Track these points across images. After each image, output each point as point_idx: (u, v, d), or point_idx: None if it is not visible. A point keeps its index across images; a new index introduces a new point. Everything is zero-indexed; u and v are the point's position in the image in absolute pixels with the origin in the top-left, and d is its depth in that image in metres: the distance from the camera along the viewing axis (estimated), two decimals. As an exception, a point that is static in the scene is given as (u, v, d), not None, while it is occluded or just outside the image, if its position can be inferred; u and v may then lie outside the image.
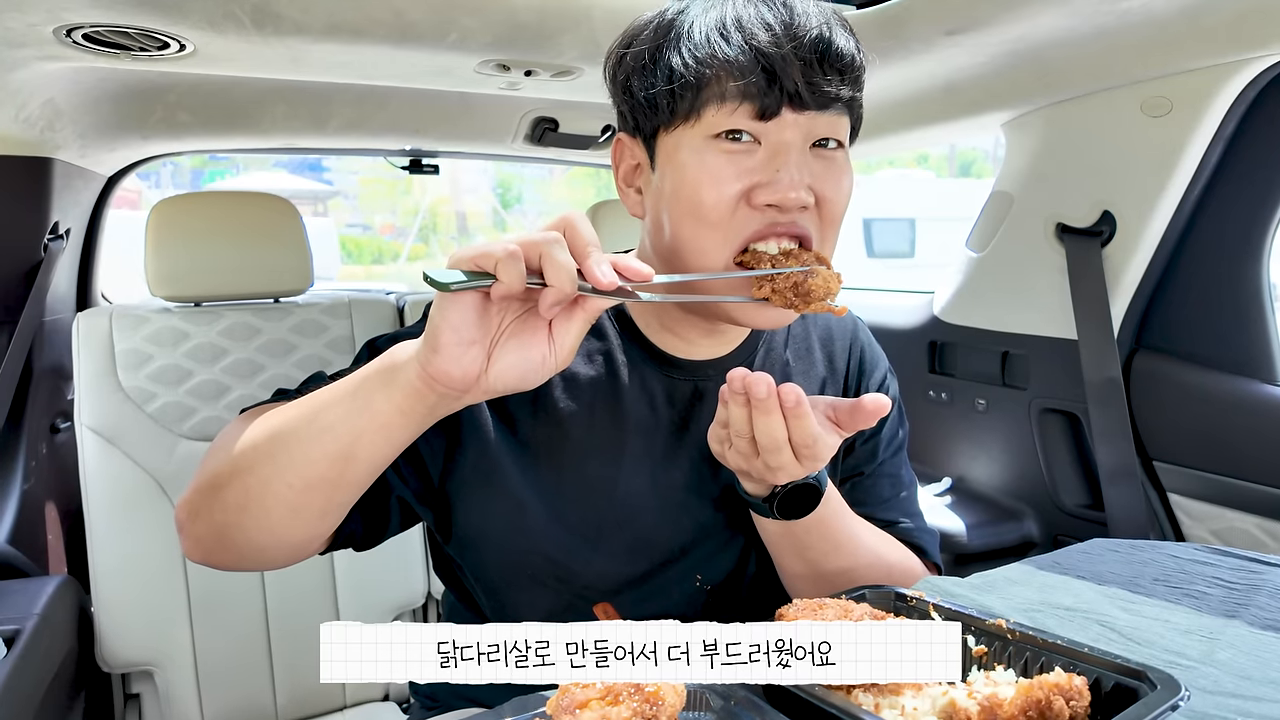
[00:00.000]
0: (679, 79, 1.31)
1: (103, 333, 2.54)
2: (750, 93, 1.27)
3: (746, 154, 1.30)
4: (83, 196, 3.12)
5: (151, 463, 2.54)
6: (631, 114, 1.42)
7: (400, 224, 26.04)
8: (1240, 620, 1.30)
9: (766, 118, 1.28)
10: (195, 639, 2.56)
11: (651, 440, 1.52)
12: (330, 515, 1.26)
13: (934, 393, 3.27)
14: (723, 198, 1.29)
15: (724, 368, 1.54)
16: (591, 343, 1.53)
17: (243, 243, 2.69)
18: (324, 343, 2.79)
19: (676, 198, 1.34)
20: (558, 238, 1.01)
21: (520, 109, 3.23)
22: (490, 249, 0.99)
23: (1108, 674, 1.01)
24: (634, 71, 1.39)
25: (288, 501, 1.20)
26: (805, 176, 1.29)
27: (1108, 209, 2.56)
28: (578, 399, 1.50)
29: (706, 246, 1.32)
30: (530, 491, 1.46)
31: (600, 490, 1.49)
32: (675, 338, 1.54)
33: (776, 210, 1.30)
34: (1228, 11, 2.00)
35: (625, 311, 1.55)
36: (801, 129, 1.30)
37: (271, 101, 2.93)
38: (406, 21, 2.12)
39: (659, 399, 1.53)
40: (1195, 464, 2.45)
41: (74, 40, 2.09)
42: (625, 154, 1.48)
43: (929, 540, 1.67)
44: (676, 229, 1.35)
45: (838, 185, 1.35)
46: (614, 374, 1.52)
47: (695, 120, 1.31)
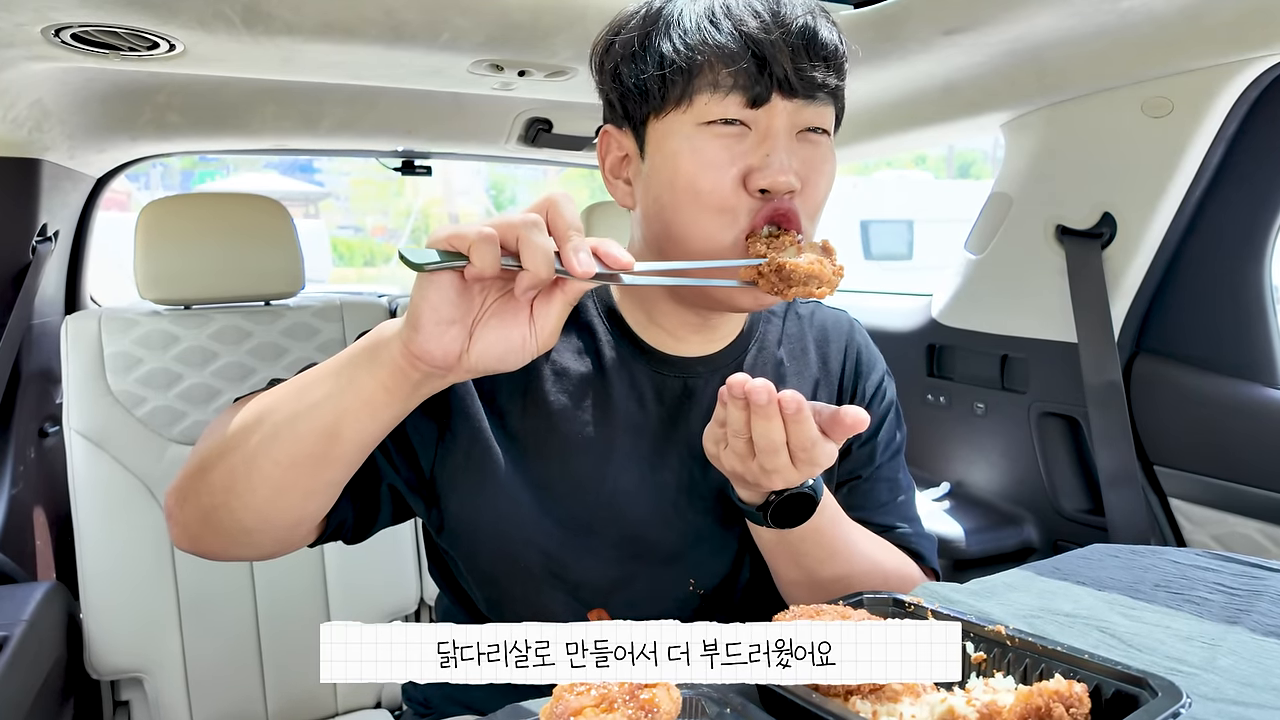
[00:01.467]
0: (670, 64, 1.33)
1: (91, 336, 2.54)
2: (741, 81, 1.30)
3: (738, 139, 1.33)
4: (71, 198, 3.11)
5: (141, 467, 2.54)
6: (620, 102, 1.44)
7: (392, 226, 26.03)
8: (1242, 626, 1.31)
9: (757, 105, 1.32)
10: (185, 645, 2.55)
11: (640, 438, 1.52)
12: (317, 496, 1.26)
13: (932, 396, 3.27)
14: (721, 181, 1.32)
15: (714, 365, 1.56)
16: (581, 339, 1.54)
17: (233, 245, 2.68)
18: (315, 346, 2.78)
19: (673, 185, 1.35)
20: (536, 220, 1.02)
21: (514, 110, 3.23)
22: (465, 230, 1.00)
23: (1108, 681, 1.01)
24: (623, 59, 1.41)
25: (274, 480, 1.21)
26: (794, 162, 1.32)
27: (1108, 210, 2.56)
28: (567, 393, 1.50)
29: (712, 230, 1.34)
30: (520, 484, 1.47)
31: (588, 486, 1.49)
32: (665, 333, 1.54)
33: (769, 196, 1.32)
34: (1229, 11, 2.00)
35: (615, 308, 1.56)
36: (790, 116, 1.33)
37: (262, 102, 2.93)
38: (398, 21, 2.12)
39: (648, 396, 1.53)
40: (1197, 468, 2.45)
41: (62, 40, 2.08)
42: (612, 145, 1.50)
43: (927, 546, 1.67)
44: (674, 216, 1.37)
45: (821, 171, 1.38)
46: (603, 370, 1.52)
47: (687, 106, 1.34)
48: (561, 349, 1.52)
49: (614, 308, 1.56)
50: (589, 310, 1.56)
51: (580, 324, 1.55)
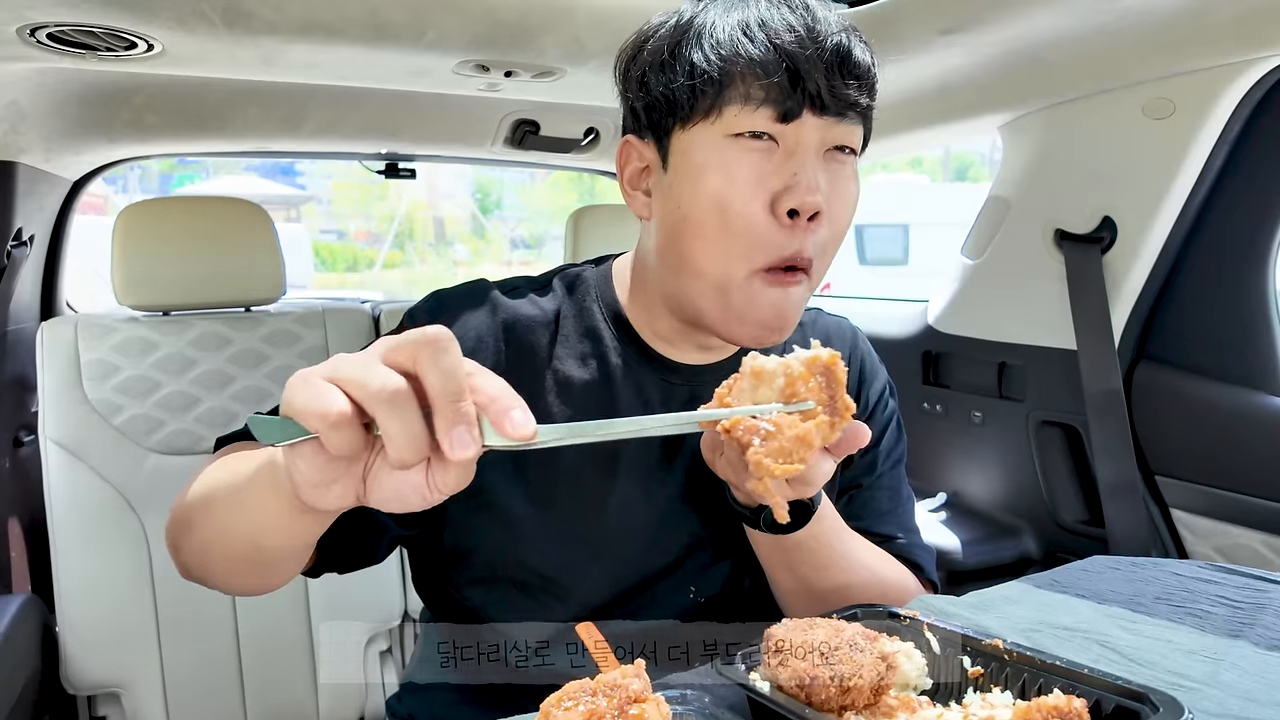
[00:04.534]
0: (701, 75, 1.33)
1: (68, 343, 2.53)
2: (773, 94, 1.30)
3: (765, 155, 1.33)
4: (47, 202, 3.10)
5: (118, 477, 2.53)
6: (645, 112, 1.44)
7: (376, 230, 26.08)
8: (1245, 640, 1.31)
9: (788, 120, 1.32)
10: (164, 660, 2.55)
11: (647, 448, 1.53)
12: (278, 574, 1.26)
13: (928, 405, 3.27)
14: (750, 206, 1.32)
15: (720, 374, 1.55)
16: (585, 344, 1.54)
17: (213, 250, 2.68)
18: (297, 353, 2.78)
19: (696, 199, 1.35)
20: (395, 392, 0.84)
21: (500, 111, 3.23)
22: (314, 406, 0.83)
23: (1108, 696, 1.01)
24: (651, 66, 1.41)
25: (230, 562, 1.22)
26: (820, 180, 1.32)
27: (1108, 215, 2.56)
28: (571, 404, 1.51)
29: (730, 256, 1.35)
30: (522, 504, 1.47)
31: (595, 501, 1.50)
32: (669, 343, 1.56)
33: (794, 225, 1.32)
34: (1233, 9, 2.00)
35: (622, 314, 1.57)
36: (819, 133, 1.34)
37: (243, 103, 2.92)
38: (382, 20, 2.12)
39: (654, 405, 1.54)
40: (1199, 478, 2.45)
41: (38, 40, 2.08)
42: (633, 156, 1.49)
43: (926, 557, 1.68)
44: (696, 231, 1.37)
45: (846, 194, 1.39)
46: (608, 377, 1.53)
47: (716, 117, 1.34)
48: (564, 357, 1.52)
49: (621, 313, 1.57)
50: (595, 315, 1.57)
51: (586, 329, 1.55)
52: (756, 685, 1.06)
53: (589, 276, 1.62)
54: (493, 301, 1.52)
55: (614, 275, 1.62)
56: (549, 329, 1.53)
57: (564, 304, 1.57)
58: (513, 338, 1.50)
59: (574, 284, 1.61)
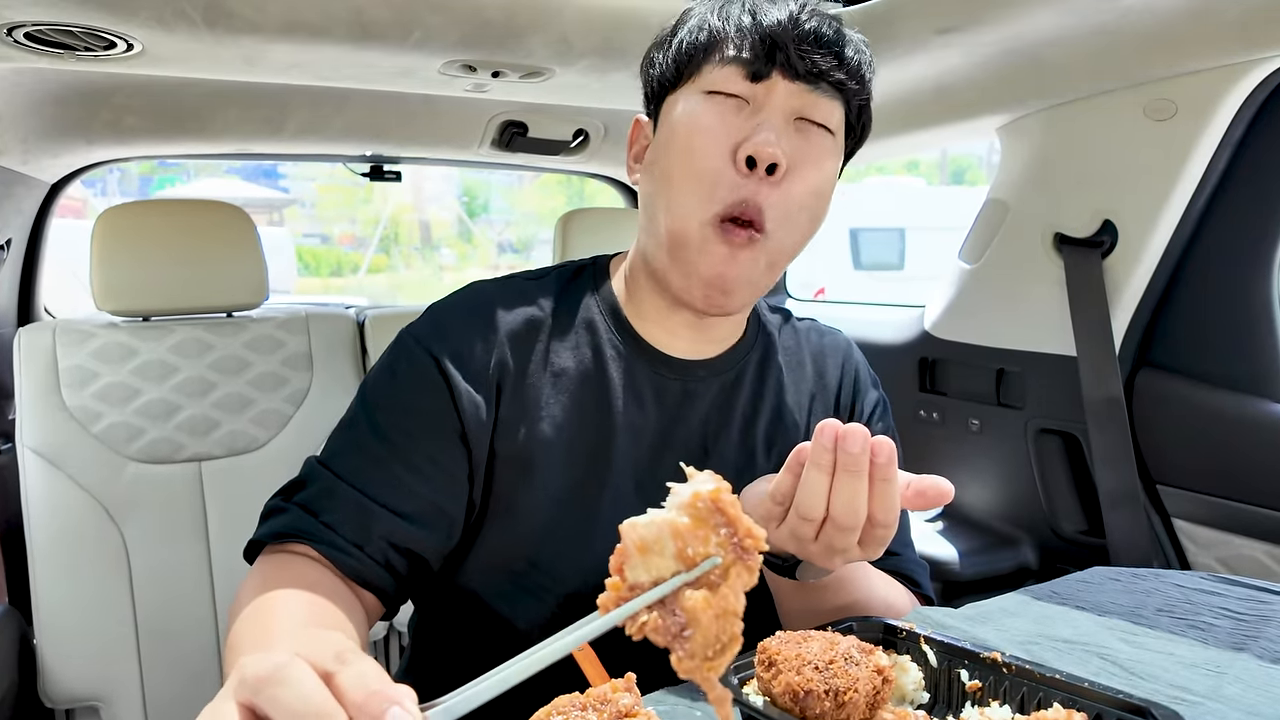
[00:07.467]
0: (688, 45, 1.46)
1: (46, 348, 2.53)
2: (746, 55, 1.40)
3: (735, 110, 1.41)
4: (24, 205, 3.10)
5: (98, 486, 2.52)
6: (648, 88, 1.57)
7: (360, 234, 26.04)
8: (1249, 653, 1.31)
9: (758, 79, 1.40)
10: (144, 672, 2.54)
11: (639, 440, 1.55)
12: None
13: (925, 412, 3.27)
14: (710, 149, 1.40)
15: (714, 369, 1.61)
16: (580, 335, 1.58)
17: (194, 254, 2.67)
18: (280, 359, 2.78)
19: (669, 147, 1.45)
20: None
21: (487, 112, 3.23)
22: None
23: (1109, 710, 1.01)
24: (656, 46, 1.55)
25: None
26: (784, 143, 1.38)
27: (1108, 218, 2.56)
28: (567, 396, 1.53)
29: (690, 203, 1.41)
30: (519, 495, 1.50)
31: (587, 491, 1.52)
32: (664, 332, 1.59)
33: (751, 175, 1.37)
34: (1236, 9, 2.00)
35: (617, 306, 1.61)
36: (789, 99, 1.41)
37: (224, 104, 2.92)
38: (367, 20, 2.12)
39: (648, 398, 1.57)
40: (1201, 487, 2.45)
41: (15, 40, 2.08)
42: (640, 135, 1.61)
43: (920, 572, 1.69)
44: (666, 179, 1.45)
45: (814, 163, 1.43)
46: (603, 368, 1.56)
47: (695, 78, 1.45)
48: (559, 349, 1.55)
49: (617, 306, 1.61)
50: (591, 308, 1.61)
51: (581, 320, 1.59)
52: (750, 699, 1.06)
53: (587, 271, 1.68)
54: (488, 304, 1.56)
55: (611, 270, 1.67)
56: (545, 320, 1.57)
57: (561, 296, 1.61)
58: (510, 334, 1.53)
59: (572, 278, 1.66)
